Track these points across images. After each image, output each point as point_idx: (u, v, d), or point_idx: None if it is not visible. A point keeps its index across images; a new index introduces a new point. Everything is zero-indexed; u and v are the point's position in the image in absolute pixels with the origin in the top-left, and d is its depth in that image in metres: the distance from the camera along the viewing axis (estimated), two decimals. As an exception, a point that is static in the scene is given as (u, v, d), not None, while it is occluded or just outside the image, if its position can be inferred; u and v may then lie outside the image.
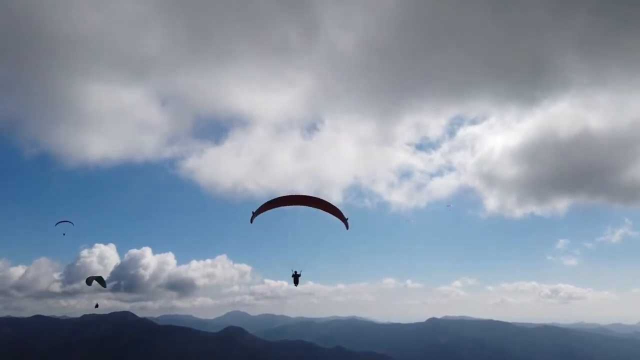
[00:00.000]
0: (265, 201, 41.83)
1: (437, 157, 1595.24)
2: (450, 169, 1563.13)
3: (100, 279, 78.51)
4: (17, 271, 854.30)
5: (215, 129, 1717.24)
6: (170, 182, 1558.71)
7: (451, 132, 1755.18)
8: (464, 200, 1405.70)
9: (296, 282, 45.57)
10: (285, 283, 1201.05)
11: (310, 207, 41.10)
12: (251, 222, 43.62)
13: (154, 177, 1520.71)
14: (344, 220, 42.79)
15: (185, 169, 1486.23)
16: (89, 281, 78.37)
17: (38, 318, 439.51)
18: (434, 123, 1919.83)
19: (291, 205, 40.70)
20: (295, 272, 44.96)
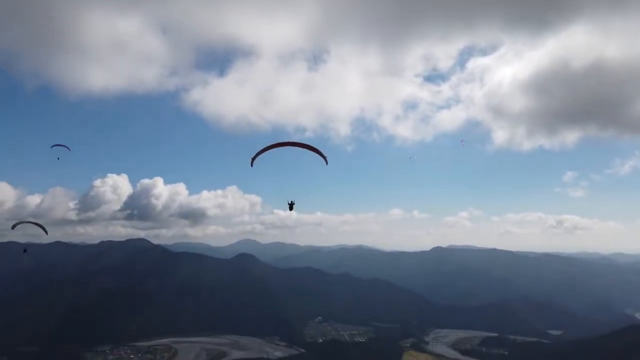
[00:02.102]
0: (261, 147, 49.17)
1: (445, 90, 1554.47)
2: (458, 101, 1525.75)
3: (39, 225, 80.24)
4: (34, 200, 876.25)
5: (218, 59, 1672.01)
6: (174, 114, 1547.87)
7: (461, 64, 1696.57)
8: (472, 134, 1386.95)
9: (291, 208, 52.70)
10: (294, 213, 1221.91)
11: (297, 148, 48.55)
12: (251, 165, 50.40)
13: (158, 109, 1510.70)
14: (324, 156, 49.80)
15: (189, 102, 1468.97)
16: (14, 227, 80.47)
17: (57, 244, 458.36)
18: (444, 54, 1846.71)
19: (281, 147, 47.90)
20: (291, 201, 52.27)
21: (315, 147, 48.80)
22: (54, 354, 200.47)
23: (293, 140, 48.68)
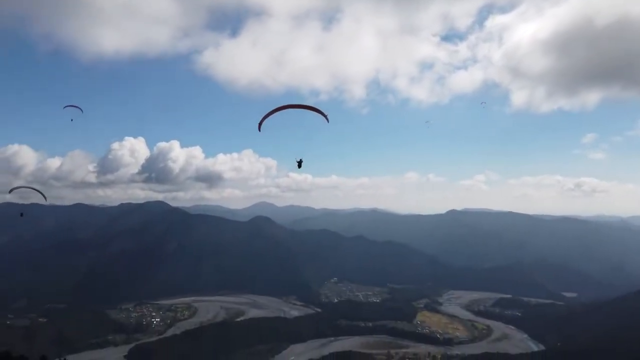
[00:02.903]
0: (266, 112, 50.52)
1: (463, 49, 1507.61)
2: (475, 61, 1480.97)
3: (37, 190, 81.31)
4: (54, 162, 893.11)
5: (230, 20, 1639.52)
6: (187, 77, 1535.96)
7: (480, 22, 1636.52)
8: (489, 95, 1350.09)
9: (299, 166, 54.96)
10: (309, 176, 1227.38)
11: (301, 110, 50.12)
12: (259, 130, 52.24)
13: (171, 71, 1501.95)
14: (325, 115, 51.48)
15: (202, 64, 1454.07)
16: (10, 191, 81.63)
17: (78, 206, 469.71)
18: (462, 11, 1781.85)
19: (285, 109, 49.37)
20: (300, 159, 54.70)
21: (319, 108, 50.64)
22: (81, 310, 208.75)
23: (299, 103, 49.86)
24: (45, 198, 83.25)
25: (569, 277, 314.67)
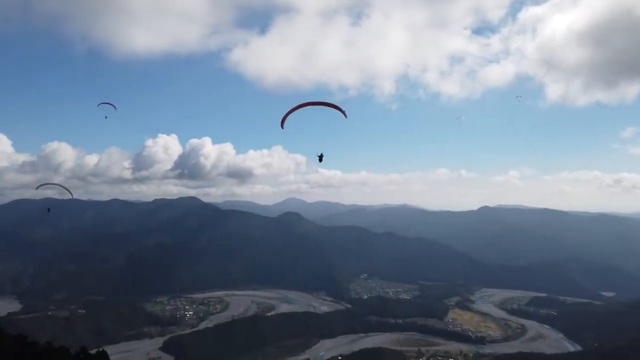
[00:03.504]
0: (288, 109, 51.88)
1: (495, 42, 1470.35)
2: (508, 54, 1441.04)
3: (63, 187, 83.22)
4: (92, 159, 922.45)
5: (258, 17, 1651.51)
6: (217, 74, 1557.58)
7: (513, 14, 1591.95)
8: (523, 89, 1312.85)
9: (320, 160, 55.74)
10: (338, 172, 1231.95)
11: (316, 107, 51.22)
12: (282, 127, 53.30)
13: (201, 69, 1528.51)
14: (343, 111, 52.09)
15: (232, 61, 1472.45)
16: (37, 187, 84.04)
17: (115, 202, 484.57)
18: (494, 3, 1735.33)
19: (305, 107, 50.66)
20: (320, 153, 55.49)
21: (340, 105, 51.69)
22: (118, 303, 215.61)
23: (320, 101, 51.09)
24: (71, 194, 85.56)
25: (607, 275, 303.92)
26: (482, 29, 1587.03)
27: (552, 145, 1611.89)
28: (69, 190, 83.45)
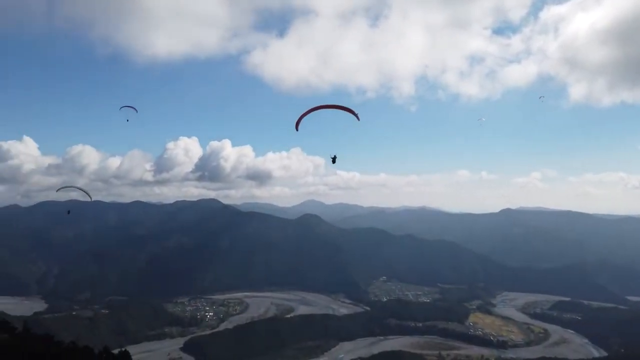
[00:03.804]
0: (302, 112, 52.81)
1: (516, 42, 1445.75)
2: (529, 54, 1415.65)
3: (82, 190, 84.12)
4: (114, 162, 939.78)
5: (277, 20, 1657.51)
6: (237, 77, 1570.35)
7: (534, 14, 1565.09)
8: (545, 89, 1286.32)
9: (334, 162, 56.74)
10: (357, 174, 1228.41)
11: (334, 110, 52.01)
12: (296, 129, 54.04)
13: (221, 72, 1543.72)
14: (355, 114, 52.27)
15: (251, 64, 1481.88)
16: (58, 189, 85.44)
17: (137, 204, 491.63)
18: (516, 3, 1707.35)
19: (318, 110, 51.61)
20: (334, 155, 56.35)
21: (352, 107, 52.09)
22: (139, 303, 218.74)
23: (334, 103, 51.64)
24: (90, 197, 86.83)
25: (633, 279, 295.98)
26: (503, 29, 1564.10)
27: (575, 146, 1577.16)
28: (87, 193, 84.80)
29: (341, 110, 51.64)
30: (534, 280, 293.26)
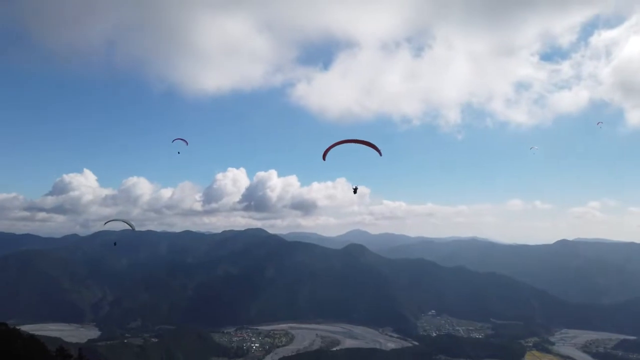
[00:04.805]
0: (331, 144, 55.05)
1: (565, 68, 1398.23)
2: (580, 79, 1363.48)
3: (126, 222, 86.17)
4: (166, 192, 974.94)
5: (321, 53, 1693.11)
6: (282, 109, 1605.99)
7: (585, 39, 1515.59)
8: (599, 115, 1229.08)
9: (355, 192, 59.21)
10: (403, 204, 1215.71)
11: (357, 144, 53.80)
12: (324, 159, 56.18)
13: (267, 105, 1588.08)
14: (378, 150, 53.87)
15: (295, 96, 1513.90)
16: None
17: (187, 233, 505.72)
18: (564, 28, 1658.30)
19: (345, 143, 53.65)
20: (355, 187, 59.33)
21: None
22: (188, 332, 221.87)
23: (357, 138, 53.80)
24: (133, 228, 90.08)
25: None
26: (551, 55, 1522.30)
27: (638, 174, 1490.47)
28: (131, 225, 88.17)
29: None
30: (595, 316, 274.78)
